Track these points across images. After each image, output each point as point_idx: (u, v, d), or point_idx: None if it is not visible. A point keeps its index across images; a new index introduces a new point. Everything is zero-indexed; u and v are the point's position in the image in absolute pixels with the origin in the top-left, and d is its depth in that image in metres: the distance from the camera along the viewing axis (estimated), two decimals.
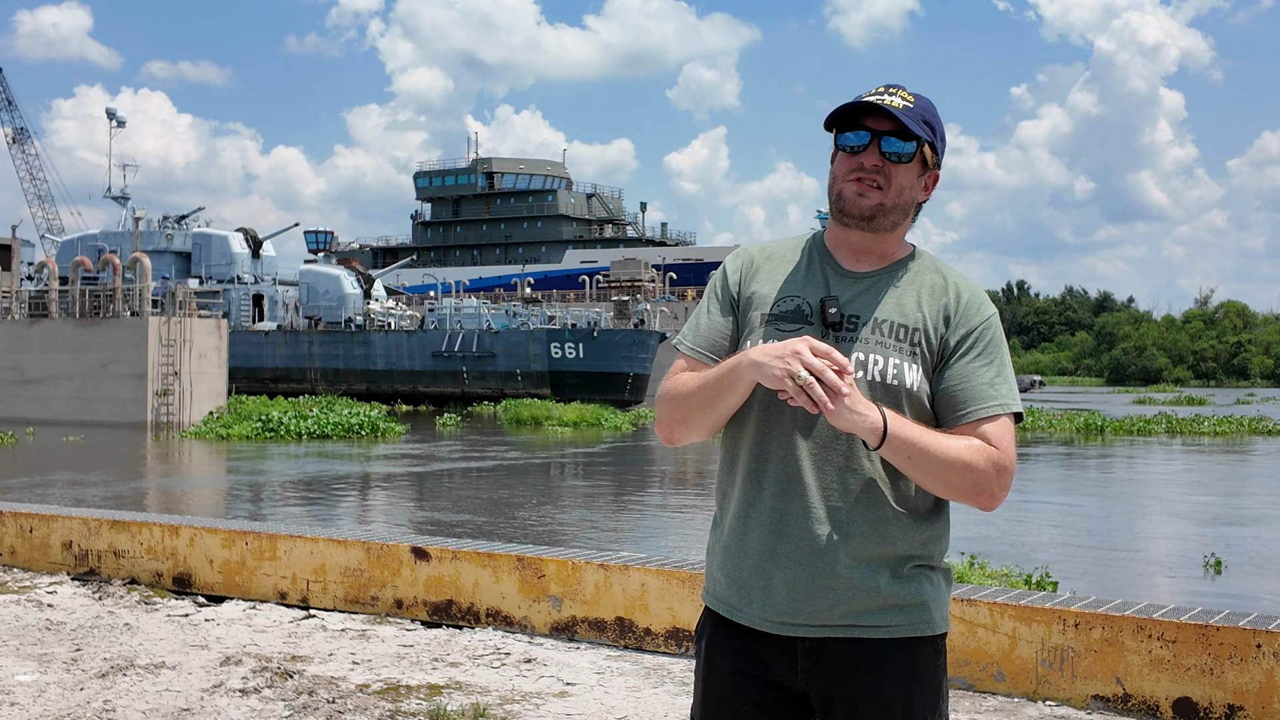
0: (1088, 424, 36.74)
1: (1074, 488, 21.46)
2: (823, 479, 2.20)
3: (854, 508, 2.19)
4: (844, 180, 2.24)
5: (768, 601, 2.22)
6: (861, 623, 2.20)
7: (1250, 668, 4.66)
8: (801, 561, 2.20)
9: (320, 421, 33.02)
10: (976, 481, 2.15)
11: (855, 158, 2.23)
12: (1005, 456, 2.17)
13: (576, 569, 6.33)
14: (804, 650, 2.21)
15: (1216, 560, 12.41)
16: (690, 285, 79.59)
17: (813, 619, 2.20)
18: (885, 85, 2.26)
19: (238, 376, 50.82)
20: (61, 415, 38.58)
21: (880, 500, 2.20)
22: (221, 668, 5.73)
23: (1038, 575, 9.41)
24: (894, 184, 2.23)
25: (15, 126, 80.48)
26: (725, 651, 2.29)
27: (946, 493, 2.17)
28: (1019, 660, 5.13)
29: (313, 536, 7.24)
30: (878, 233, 2.26)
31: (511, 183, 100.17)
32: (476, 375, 52.87)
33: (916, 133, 2.19)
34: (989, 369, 2.22)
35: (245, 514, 17.31)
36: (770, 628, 2.22)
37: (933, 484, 2.15)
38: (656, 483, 22.59)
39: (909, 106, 2.21)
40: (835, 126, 2.26)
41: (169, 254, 59.70)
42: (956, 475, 2.13)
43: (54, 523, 8.23)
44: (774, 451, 2.24)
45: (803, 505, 2.20)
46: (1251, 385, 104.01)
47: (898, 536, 2.21)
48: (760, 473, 2.25)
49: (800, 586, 2.20)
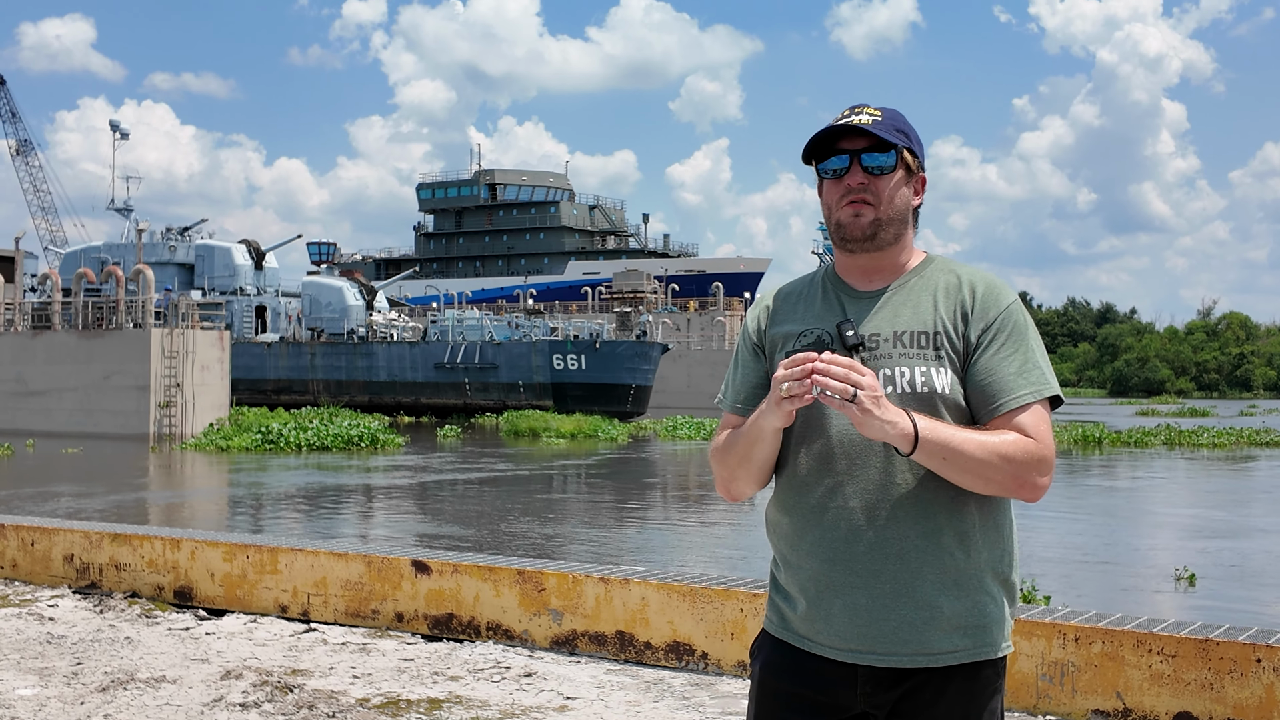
0: (1086, 436, 36.72)
1: (1062, 500, 21.41)
2: (869, 499, 2.19)
3: (905, 524, 2.18)
4: (838, 207, 2.27)
5: (830, 630, 2.22)
6: (927, 650, 2.18)
7: (1250, 682, 4.66)
8: (859, 586, 2.19)
9: (320, 433, 33.02)
10: (1015, 474, 2.13)
11: (841, 181, 2.26)
12: (1042, 445, 2.16)
13: (577, 582, 6.33)
14: (864, 676, 2.21)
15: (1190, 575, 12.37)
16: (692, 297, 79.67)
17: (876, 646, 2.19)
18: (850, 107, 2.29)
19: (240, 388, 50.83)
20: (64, 427, 38.61)
21: (930, 514, 2.19)
22: (222, 682, 5.73)
23: (1025, 588, 9.42)
24: (884, 196, 2.25)
25: (19, 138, 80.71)
26: (782, 675, 2.29)
27: (988, 489, 2.16)
28: (1019, 675, 5.13)
29: (314, 550, 7.24)
30: (883, 249, 2.28)
31: (514, 194, 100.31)
32: (479, 387, 52.87)
33: (892, 141, 2.22)
34: (1014, 358, 2.21)
35: (241, 526, 17.30)
36: (837, 655, 2.22)
37: (973, 482, 2.14)
38: (637, 494, 22.52)
39: (878, 120, 2.24)
40: (813, 158, 2.29)
41: (172, 266, 59.78)
42: (994, 470, 2.13)
43: (55, 536, 8.24)
44: (814, 481, 2.24)
45: (852, 528, 2.20)
46: (1254, 397, 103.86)
47: (955, 549, 2.19)
48: (804, 502, 2.26)
49: (861, 611, 2.19)
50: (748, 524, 16.88)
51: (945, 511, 2.19)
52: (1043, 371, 2.21)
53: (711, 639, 5.93)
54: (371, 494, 22.28)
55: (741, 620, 5.84)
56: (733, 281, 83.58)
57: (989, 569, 2.23)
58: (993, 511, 2.24)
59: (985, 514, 2.23)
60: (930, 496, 2.19)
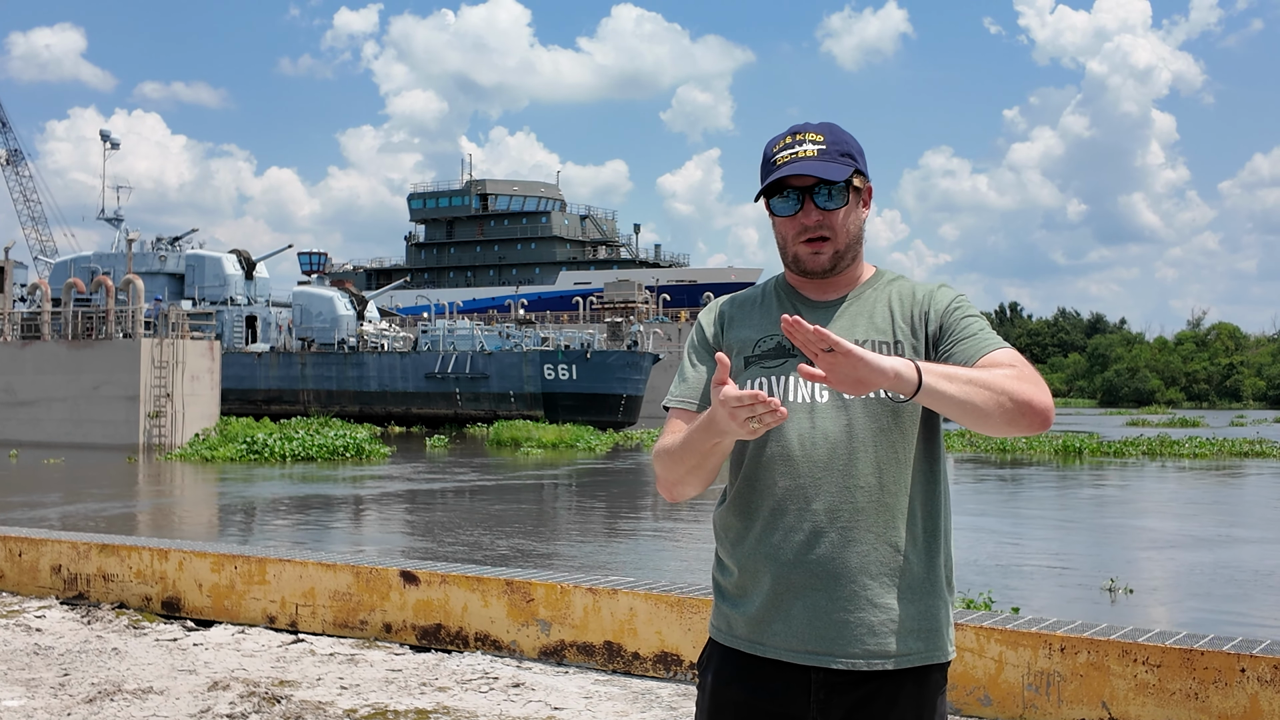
0: (1066, 446, 36.82)
1: (1006, 509, 21.40)
2: (831, 501, 2.20)
3: (865, 527, 2.20)
4: (794, 243, 2.29)
5: (789, 632, 2.22)
6: (884, 652, 2.19)
7: (1234, 692, 4.68)
8: (819, 588, 2.20)
9: (305, 444, 33.00)
10: (1024, 393, 2.07)
11: (795, 219, 2.27)
12: (1016, 364, 2.14)
13: (565, 593, 6.33)
14: (818, 681, 2.21)
15: (1125, 587, 12.38)
16: (684, 307, 79.72)
17: (834, 649, 2.19)
18: (791, 132, 2.30)
19: (231, 398, 50.76)
20: (54, 437, 38.51)
21: (890, 518, 2.21)
22: (209, 693, 5.73)
23: (982, 598, 9.52)
24: (839, 228, 2.27)
25: (9, 148, 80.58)
26: (735, 684, 2.28)
27: (1001, 419, 2.07)
28: (1005, 685, 5.14)
29: (302, 560, 7.24)
30: (841, 274, 2.33)
31: (505, 204, 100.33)
32: (470, 397, 52.84)
33: (840, 177, 2.23)
34: (974, 332, 2.22)
35: (186, 535, 17.25)
36: (794, 658, 2.21)
37: (981, 413, 2.06)
38: (588, 503, 22.50)
39: (822, 149, 2.25)
40: (763, 193, 2.30)
41: (162, 276, 59.70)
42: (1001, 392, 2.06)
43: (43, 546, 8.22)
44: (774, 483, 2.24)
45: (814, 531, 2.20)
46: (1244, 407, 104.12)
47: (910, 554, 2.22)
48: (760, 506, 2.26)
49: (822, 613, 2.20)
50: None
51: (904, 516, 2.21)
52: (1000, 338, 2.23)
53: (700, 649, 5.92)
54: (334, 504, 22.17)
55: None
56: (724, 292, 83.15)
57: (940, 574, 2.26)
58: (939, 516, 2.27)
59: (934, 519, 2.25)
60: (891, 503, 2.21)
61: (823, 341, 1.96)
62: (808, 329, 1.96)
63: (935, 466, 2.27)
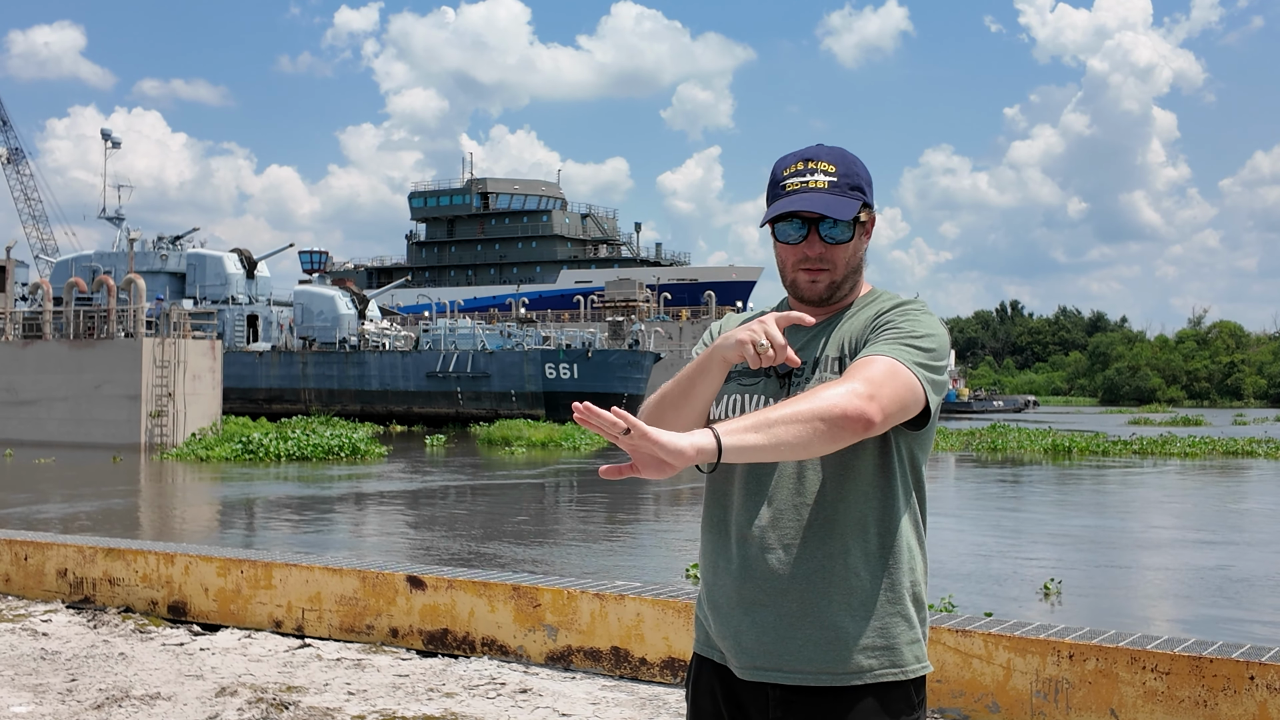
0: (1056, 445, 36.82)
1: (970, 510, 21.30)
2: (778, 517, 2.22)
3: (812, 543, 2.20)
4: (793, 270, 2.32)
5: (740, 648, 2.24)
6: (831, 669, 2.18)
7: (1244, 700, 4.68)
8: (766, 604, 2.22)
9: (300, 443, 33.00)
10: (826, 408, 2.02)
11: (799, 248, 2.29)
12: (854, 373, 2.10)
13: (572, 598, 6.33)
14: (774, 698, 2.22)
15: (1057, 587, 12.33)
16: (684, 305, 79.69)
17: (783, 664, 2.20)
18: (803, 158, 2.29)
19: (232, 397, 50.76)
20: (55, 437, 38.51)
21: (838, 535, 2.20)
22: (217, 699, 5.73)
23: (943, 600, 9.53)
24: (840, 262, 2.30)
25: (10, 147, 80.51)
26: (708, 695, 2.32)
27: (821, 441, 2.03)
28: (1014, 692, 5.15)
29: (308, 565, 7.24)
30: (838, 302, 2.35)
31: (506, 203, 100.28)
32: (471, 396, 52.85)
33: (849, 215, 2.24)
34: (876, 340, 2.21)
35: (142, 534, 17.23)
36: (745, 674, 2.24)
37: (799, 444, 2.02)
38: (535, 505, 22.47)
39: (834, 181, 2.26)
40: (775, 218, 2.30)
41: (163, 275, 59.70)
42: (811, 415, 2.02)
43: (49, 550, 8.22)
44: (732, 496, 2.28)
45: (762, 546, 2.23)
46: (1245, 405, 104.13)
47: (861, 569, 2.20)
48: (724, 520, 2.30)
49: (768, 629, 2.21)
50: None
51: (854, 533, 2.21)
52: (900, 349, 2.16)
53: None
54: (287, 505, 22.08)
55: None
56: (725, 290, 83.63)
57: (897, 590, 2.23)
58: (903, 532, 2.24)
59: (891, 535, 2.23)
60: (839, 518, 2.21)
61: (619, 425, 1.93)
62: (602, 416, 1.94)
63: (892, 482, 2.24)
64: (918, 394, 2.14)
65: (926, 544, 2.33)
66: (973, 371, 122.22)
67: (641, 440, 1.95)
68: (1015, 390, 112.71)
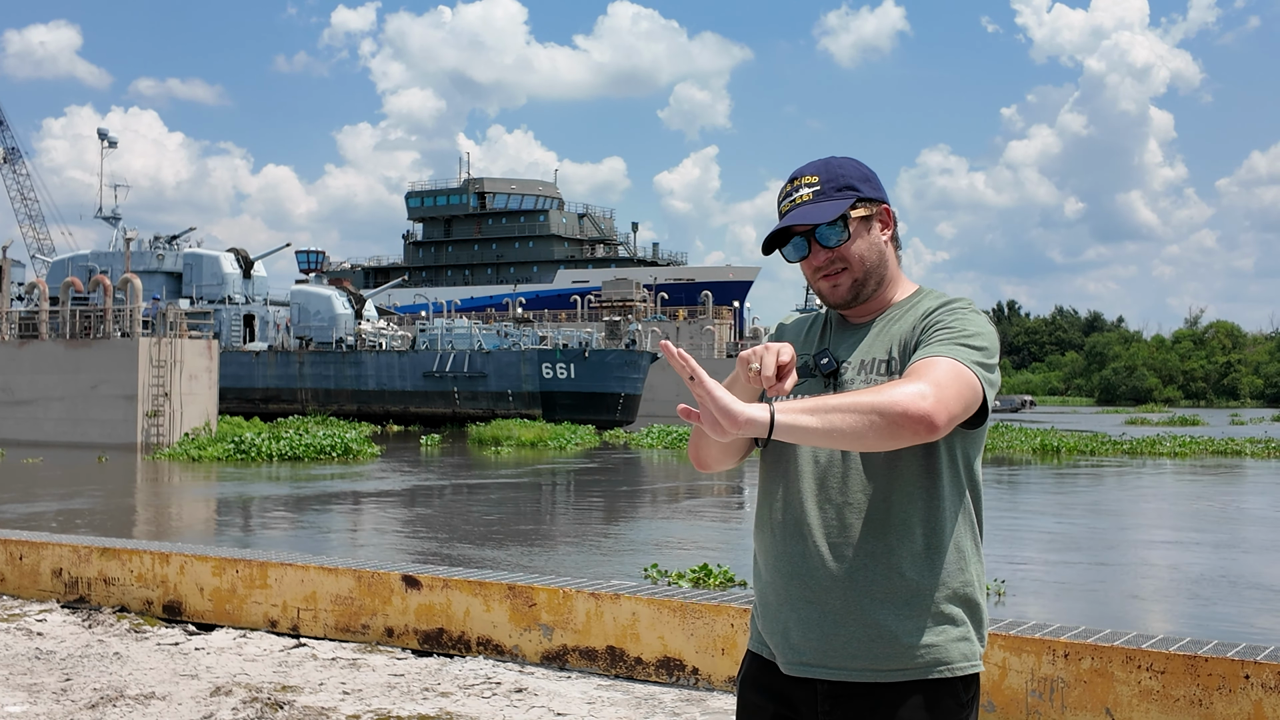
0: (1044, 445, 36.85)
1: None
2: (824, 516, 2.25)
3: (856, 542, 2.23)
4: (814, 281, 2.37)
5: (787, 644, 2.28)
6: (876, 665, 2.21)
7: (1239, 699, 4.68)
8: (812, 601, 2.25)
9: (292, 443, 32.92)
10: (887, 404, 2.02)
11: (807, 262, 2.35)
12: (919, 373, 2.10)
13: (568, 598, 6.33)
14: (823, 693, 2.25)
15: (1000, 589, 12.33)
16: (681, 305, 79.68)
17: (829, 660, 2.23)
18: (790, 179, 2.35)
19: (229, 397, 50.74)
20: (52, 437, 38.46)
21: (883, 534, 2.22)
22: (212, 698, 5.72)
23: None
24: (853, 260, 2.32)
25: (6, 146, 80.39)
26: (758, 691, 2.36)
27: (875, 436, 2.03)
28: (1009, 691, 5.15)
29: (303, 564, 7.24)
30: (870, 299, 2.38)
31: (503, 203, 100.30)
32: (468, 396, 52.82)
33: (833, 216, 2.28)
34: (930, 341, 2.21)
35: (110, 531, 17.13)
36: (792, 670, 2.27)
37: (852, 434, 2.03)
38: (490, 507, 22.47)
39: (817, 190, 2.30)
40: (773, 244, 2.36)
41: (160, 274, 59.63)
42: (870, 408, 2.02)
43: (44, 550, 8.21)
44: (780, 495, 2.32)
45: (808, 545, 2.26)
46: (1241, 405, 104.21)
47: (906, 568, 2.22)
48: (771, 519, 2.34)
49: (814, 626, 2.24)
50: (735, 540, 16.88)
51: (898, 533, 2.23)
52: (958, 349, 2.17)
53: (702, 654, 5.93)
54: (269, 503, 22.15)
55: (732, 636, 5.85)
56: (722, 290, 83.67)
57: (944, 589, 2.24)
58: (951, 532, 2.25)
59: (937, 534, 2.24)
60: (883, 518, 2.23)
61: (687, 368, 1.98)
62: (673, 352, 2.01)
63: (939, 482, 2.25)
64: (978, 394, 2.15)
65: (982, 545, 2.34)
66: None
67: (700, 389, 1.98)
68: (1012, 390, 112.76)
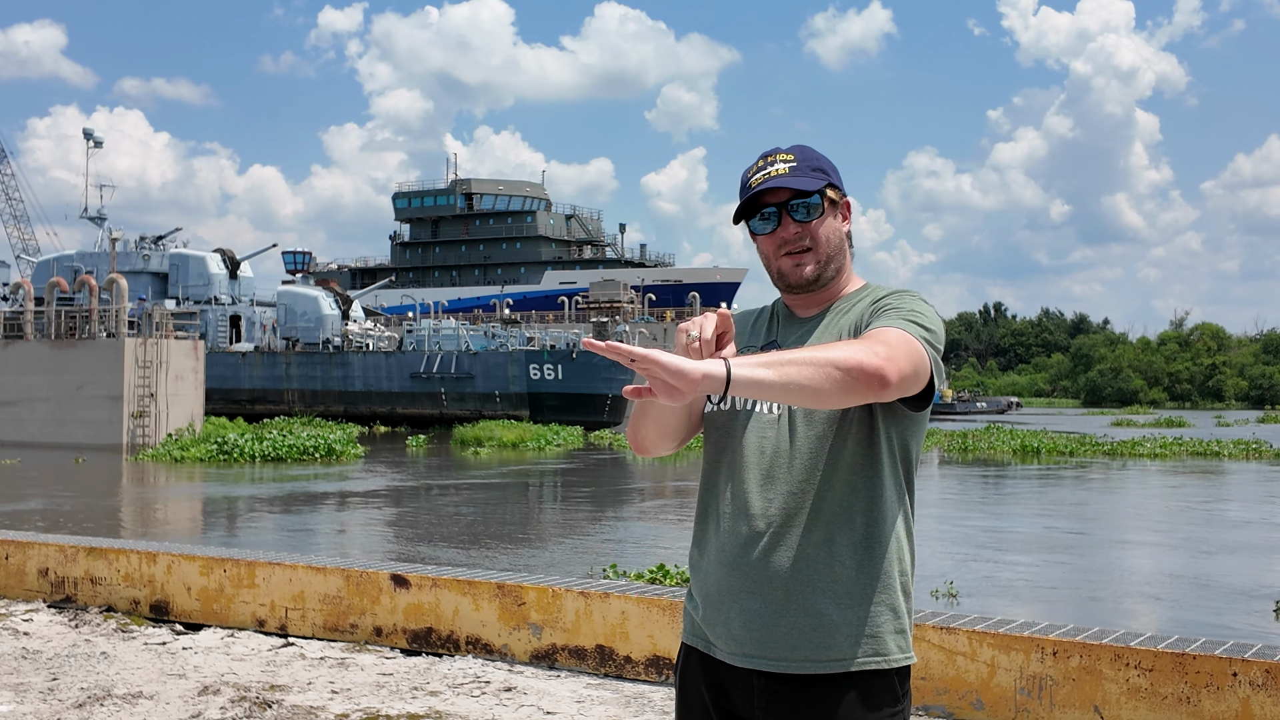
0: (1024, 446, 36.94)
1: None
2: (766, 506, 2.25)
3: (798, 532, 2.23)
4: (777, 258, 2.36)
5: (729, 634, 2.27)
6: (815, 656, 2.21)
7: (1226, 696, 4.70)
8: (754, 591, 2.24)
9: (276, 444, 32.84)
10: (842, 357, 2.03)
11: (775, 235, 2.34)
12: (872, 336, 2.12)
13: (557, 597, 6.33)
14: (760, 685, 2.25)
15: (949, 588, 12.36)
16: (669, 307, 79.71)
17: (768, 652, 2.23)
18: (762, 156, 2.36)
19: (215, 398, 50.58)
20: (37, 438, 38.29)
21: (826, 524, 2.23)
22: (199, 697, 5.70)
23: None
24: (819, 239, 2.34)
25: None
26: (696, 684, 2.35)
27: (833, 390, 2.03)
28: (998, 689, 5.16)
29: (291, 564, 7.22)
30: (826, 286, 2.38)
31: (490, 204, 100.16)
32: (455, 397, 52.76)
33: (813, 188, 2.30)
34: (881, 319, 2.22)
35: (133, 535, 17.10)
36: (732, 660, 2.27)
37: (810, 387, 2.02)
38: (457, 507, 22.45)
39: (794, 165, 2.32)
40: (741, 216, 2.36)
41: (146, 275, 59.47)
42: (826, 361, 2.02)
43: (30, 549, 8.17)
44: (723, 485, 2.32)
45: (750, 534, 2.25)
46: (1226, 407, 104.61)
47: (847, 559, 2.23)
48: (712, 508, 2.34)
49: (755, 616, 2.24)
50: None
51: (840, 523, 2.23)
52: (910, 324, 2.18)
53: None
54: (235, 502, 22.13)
55: None
56: (709, 291, 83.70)
57: (883, 580, 2.25)
58: (890, 523, 2.26)
59: (878, 526, 2.25)
60: (825, 507, 2.23)
61: (622, 354, 1.96)
62: (599, 346, 1.98)
63: (880, 472, 2.26)
64: (926, 366, 2.17)
65: (915, 537, 2.35)
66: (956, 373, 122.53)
67: (645, 363, 1.96)
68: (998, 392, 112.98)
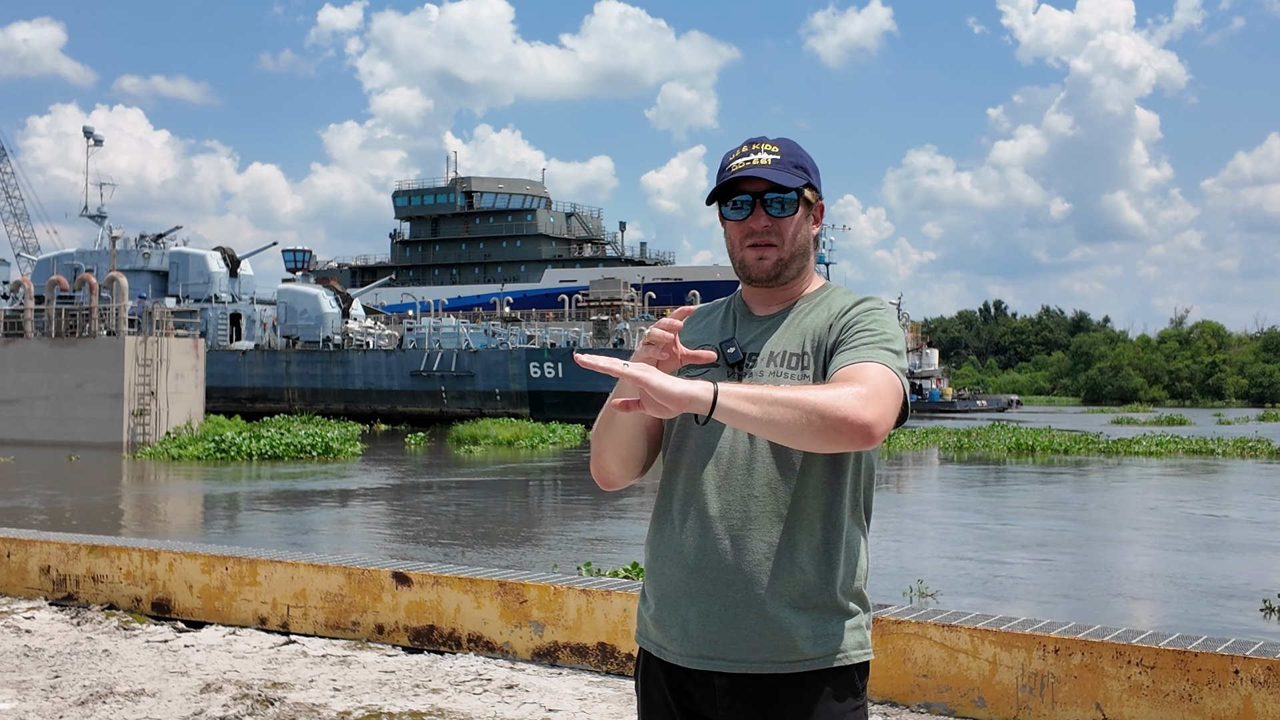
0: (1019, 444, 36.95)
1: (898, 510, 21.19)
2: (726, 508, 2.24)
3: (758, 534, 2.23)
4: (742, 248, 2.34)
5: (686, 637, 2.26)
6: (775, 658, 2.21)
7: (1228, 694, 4.70)
8: (713, 594, 2.24)
9: (273, 442, 32.84)
10: (831, 407, 2.02)
11: (744, 223, 2.32)
12: (856, 379, 2.09)
13: (559, 594, 6.33)
14: (721, 686, 2.24)
15: (921, 588, 12.37)
16: (669, 305, 79.67)
17: (729, 653, 2.22)
18: (747, 142, 2.34)
19: (215, 396, 50.59)
20: (37, 436, 38.32)
21: (784, 528, 2.23)
22: (202, 695, 5.71)
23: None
24: (786, 236, 2.32)
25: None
26: (658, 685, 2.34)
27: (812, 436, 2.03)
28: (999, 686, 5.16)
29: (293, 561, 7.22)
30: (786, 285, 2.37)
31: (490, 202, 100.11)
32: (455, 395, 52.76)
33: (792, 185, 2.28)
34: (855, 345, 2.20)
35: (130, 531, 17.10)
36: (691, 663, 2.26)
37: (789, 429, 2.03)
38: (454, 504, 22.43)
39: (777, 158, 2.30)
40: (715, 198, 2.34)
41: (146, 273, 59.47)
42: (811, 408, 2.01)
43: (32, 547, 8.18)
44: (682, 486, 2.30)
45: (709, 536, 2.25)
46: (1226, 405, 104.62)
47: (806, 561, 2.23)
48: (670, 510, 2.32)
49: (714, 618, 2.23)
50: None
51: (800, 527, 2.23)
52: (878, 350, 2.18)
53: None
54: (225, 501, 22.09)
55: None
56: (709, 289, 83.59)
57: (840, 584, 2.25)
58: (841, 526, 2.26)
59: (835, 529, 2.25)
60: (786, 511, 2.23)
61: (612, 370, 1.99)
62: (587, 361, 2.00)
63: (841, 478, 2.26)
64: (901, 400, 2.18)
65: (869, 541, 2.36)
66: (956, 371, 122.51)
67: (635, 382, 1.99)
68: (999, 390, 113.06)
